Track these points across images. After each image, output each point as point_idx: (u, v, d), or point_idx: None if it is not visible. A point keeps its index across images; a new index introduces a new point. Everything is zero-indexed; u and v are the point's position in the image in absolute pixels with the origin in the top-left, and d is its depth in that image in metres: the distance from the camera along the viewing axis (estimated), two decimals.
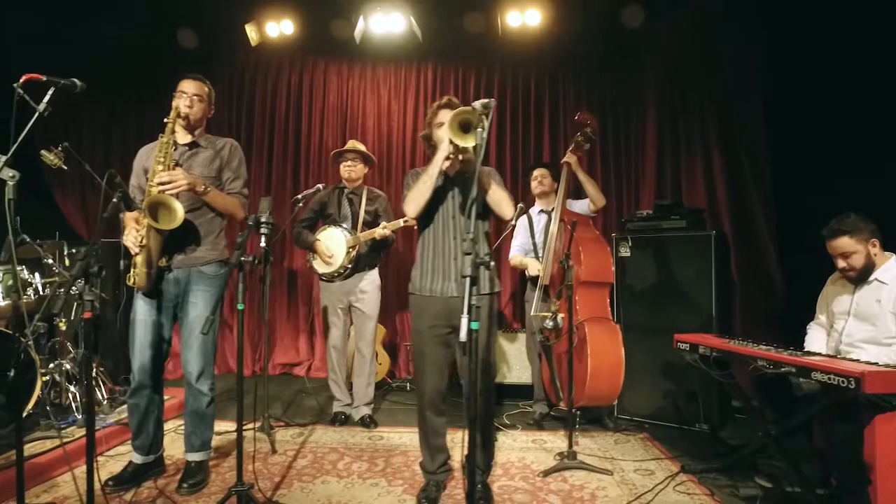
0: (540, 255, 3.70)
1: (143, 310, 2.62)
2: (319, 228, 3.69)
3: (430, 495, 2.53)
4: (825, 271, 2.83)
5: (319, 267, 3.64)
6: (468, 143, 2.14)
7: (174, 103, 2.68)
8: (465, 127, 2.15)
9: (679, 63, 4.57)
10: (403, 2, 4.43)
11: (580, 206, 3.81)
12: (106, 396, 3.61)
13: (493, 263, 2.33)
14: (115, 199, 2.28)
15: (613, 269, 3.49)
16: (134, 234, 2.52)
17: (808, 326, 2.91)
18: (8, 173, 2.16)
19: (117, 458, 3.05)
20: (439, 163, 2.36)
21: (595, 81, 5.09)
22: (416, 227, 3.40)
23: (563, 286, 3.12)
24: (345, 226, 3.61)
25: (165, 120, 2.56)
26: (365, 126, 5.31)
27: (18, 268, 3.34)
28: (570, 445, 3.01)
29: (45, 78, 2.19)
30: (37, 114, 2.23)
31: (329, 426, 3.65)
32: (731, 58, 4.24)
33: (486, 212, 2.53)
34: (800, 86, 3.74)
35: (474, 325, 1.58)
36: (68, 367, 3.44)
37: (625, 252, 3.85)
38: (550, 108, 5.17)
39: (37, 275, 3.42)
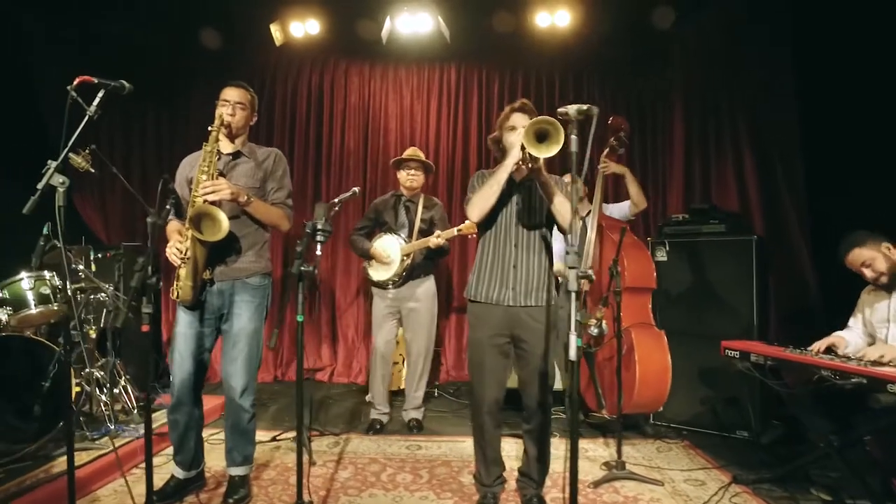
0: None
1: (184, 322, 2.54)
2: (376, 236, 3.64)
3: None
4: (860, 278, 2.81)
5: (374, 274, 3.60)
6: (541, 153, 2.08)
7: (217, 111, 2.59)
8: (540, 136, 2.09)
9: (707, 64, 4.53)
10: (431, 2, 4.35)
11: (618, 210, 3.76)
12: (136, 405, 3.53)
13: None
14: (167, 206, 2.19)
15: (655, 274, 3.43)
16: (178, 245, 2.43)
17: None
18: (58, 179, 2.09)
19: (154, 470, 2.97)
20: (508, 168, 2.30)
21: (621, 83, 5.04)
22: (471, 236, 3.36)
23: (609, 292, 3.06)
24: (401, 234, 3.56)
25: (210, 128, 2.47)
26: (387, 127, 5.24)
27: (48, 274, 3.25)
28: (619, 455, 2.96)
29: (96, 80, 2.13)
30: (87, 116, 2.16)
31: (364, 434, 3.58)
32: (761, 58, 4.20)
33: (549, 221, 2.48)
34: (832, 86, 3.70)
35: (578, 342, 1.51)
36: (98, 375, 3.35)
37: (661, 256, 3.79)
38: None
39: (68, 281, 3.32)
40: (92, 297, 3.46)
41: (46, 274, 3.24)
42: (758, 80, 4.22)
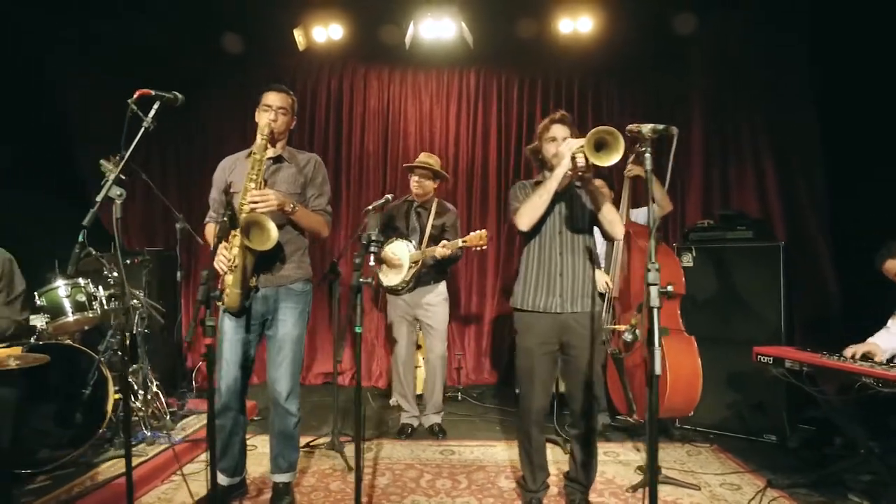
0: (603, 267, 3.67)
1: (230, 328, 2.55)
2: (388, 241, 3.64)
3: None
4: (883, 284, 2.88)
5: (385, 279, 3.60)
6: (600, 161, 2.12)
7: (259, 117, 2.60)
8: (598, 145, 2.12)
9: (726, 69, 4.57)
10: (456, 8, 4.37)
11: (643, 216, 3.79)
12: (167, 411, 3.54)
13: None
14: (224, 219, 2.20)
15: (684, 279, 3.47)
16: (224, 253, 2.44)
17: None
18: (115, 191, 2.10)
19: (191, 477, 2.98)
20: (558, 178, 2.34)
21: (640, 88, 5.06)
22: (477, 249, 3.37)
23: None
24: (412, 240, 3.57)
25: (261, 138, 2.47)
26: (406, 131, 5.25)
27: (83, 281, 3.25)
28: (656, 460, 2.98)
29: (153, 93, 2.13)
30: (143, 128, 2.16)
31: (395, 439, 3.60)
32: (780, 63, 4.25)
33: (591, 228, 2.52)
34: (852, 90, 3.75)
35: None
36: (133, 381, 3.35)
37: (687, 262, 3.83)
38: (594, 114, 5.14)
39: (100, 287, 3.33)
40: (119, 303, 3.45)
41: (81, 281, 3.25)
42: (777, 85, 4.27)
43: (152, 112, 2.15)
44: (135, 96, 2.10)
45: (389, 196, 3.62)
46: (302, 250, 2.66)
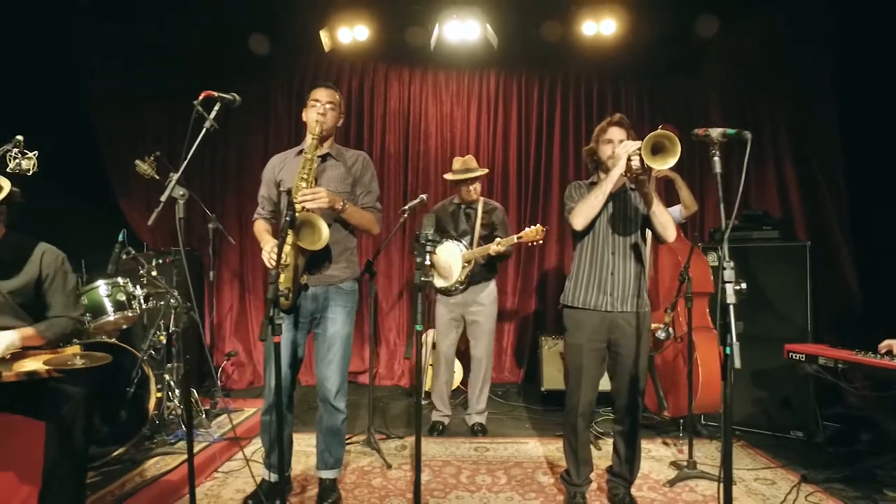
0: None
1: (279, 326, 2.58)
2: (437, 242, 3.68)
3: None
4: None
5: (437, 281, 3.64)
6: (656, 164, 2.17)
7: (308, 114, 2.63)
8: (655, 148, 2.18)
9: (747, 70, 4.64)
10: (481, 10, 4.41)
11: (675, 215, 3.85)
12: (202, 409, 3.57)
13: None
14: (286, 218, 2.24)
15: (712, 278, 3.53)
16: (274, 252, 2.46)
17: None
18: (179, 191, 2.13)
19: (233, 474, 3.02)
20: (613, 180, 2.39)
21: (659, 89, 5.11)
22: (532, 244, 3.41)
23: (679, 297, 3.15)
24: (463, 241, 3.61)
25: (312, 136, 2.51)
26: (427, 132, 5.29)
27: (122, 280, 3.28)
28: (690, 455, 3.04)
29: (216, 94, 2.16)
30: (204, 129, 2.20)
31: (426, 437, 3.64)
32: (802, 65, 4.32)
33: (642, 229, 2.57)
34: (874, 91, 3.82)
35: (729, 350, 1.59)
36: (169, 379, 3.38)
37: (713, 261, 3.88)
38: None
39: (138, 287, 3.36)
40: (160, 302, 3.48)
41: (120, 280, 3.28)
42: (798, 87, 4.34)
43: (213, 113, 2.18)
44: (200, 97, 2.13)
45: (424, 196, 3.67)
46: (350, 250, 2.69)
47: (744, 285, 1.65)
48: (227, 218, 5.04)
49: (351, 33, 4.66)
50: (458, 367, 4.56)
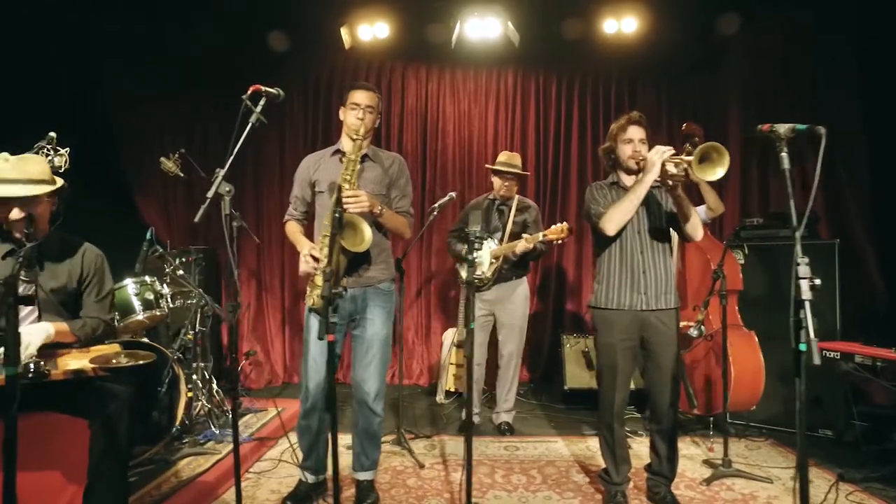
0: None
1: (317, 329, 2.54)
2: None
3: None
4: None
5: (465, 276, 3.61)
6: (704, 174, 2.16)
7: (345, 115, 2.60)
8: (703, 158, 2.16)
9: (769, 69, 4.63)
10: (502, 7, 4.40)
11: (700, 214, 3.84)
12: (230, 408, 3.53)
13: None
14: (336, 216, 2.20)
15: (741, 275, 3.52)
16: (314, 253, 2.43)
17: None
18: (224, 188, 2.10)
19: (265, 475, 2.98)
20: (648, 185, 2.37)
21: (679, 87, 5.10)
22: (558, 242, 3.39)
23: (711, 295, 3.14)
24: (494, 237, 3.59)
25: (353, 137, 2.47)
26: (444, 130, 5.26)
27: (150, 279, 3.24)
28: (726, 454, 3.03)
29: (263, 89, 2.13)
30: (249, 125, 2.17)
31: (454, 436, 3.62)
32: (825, 63, 4.32)
33: (668, 227, 2.56)
34: None
35: (802, 347, 1.58)
36: (196, 378, 3.35)
37: (739, 260, 3.88)
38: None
39: (165, 286, 3.32)
40: (187, 301, 3.45)
41: (148, 279, 3.24)
42: (821, 85, 4.34)
43: (259, 107, 2.15)
44: (248, 92, 2.10)
45: (453, 194, 3.65)
46: (387, 251, 2.66)
47: (818, 281, 1.61)
48: (244, 216, 4.99)
49: (371, 30, 4.63)
50: None
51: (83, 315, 2.22)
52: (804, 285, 1.55)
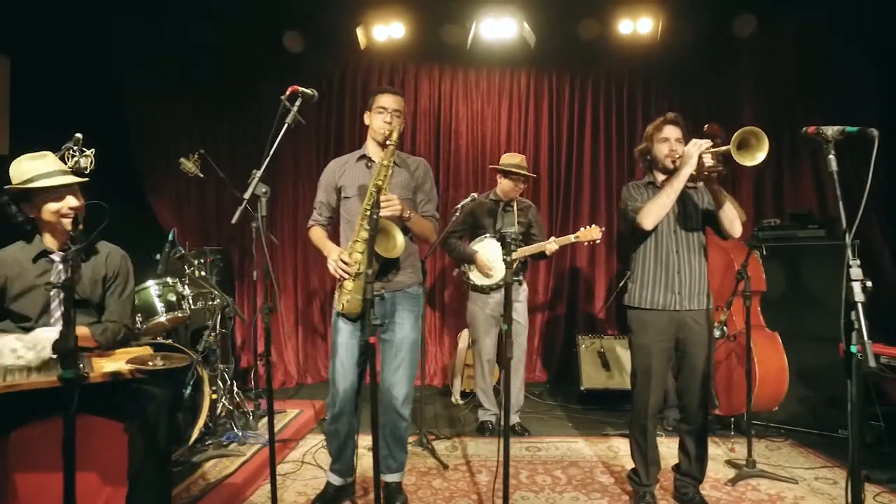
0: None
1: (346, 333, 2.53)
2: (476, 239, 3.64)
3: None
4: None
5: (476, 279, 3.60)
6: (743, 160, 2.16)
7: (373, 120, 2.58)
8: (741, 144, 2.17)
9: (782, 71, 4.65)
10: (517, 8, 4.40)
11: None
12: (250, 411, 3.52)
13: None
14: (374, 217, 2.20)
15: (764, 276, 3.53)
16: (345, 258, 2.42)
17: None
18: (261, 189, 2.10)
19: (290, 476, 2.98)
20: (685, 178, 2.37)
21: (692, 87, 5.10)
22: (588, 244, 3.40)
23: (734, 296, 3.14)
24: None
25: (388, 143, 2.45)
26: (458, 131, 5.26)
27: (171, 280, 3.23)
28: (750, 454, 3.03)
29: (300, 89, 2.13)
30: (286, 125, 2.17)
31: (474, 437, 3.62)
32: (842, 63, 4.34)
33: (704, 225, 2.56)
34: None
35: (853, 349, 1.57)
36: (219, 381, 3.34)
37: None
38: (643, 115, 5.17)
39: (187, 287, 3.31)
40: (208, 303, 3.43)
41: (170, 280, 3.22)
42: (837, 85, 4.35)
43: (294, 108, 2.14)
44: (287, 92, 2.09)
45: (475, 195, 3.64)
46: (414, 255, 2.66)
47: (869, 283, 1.61)
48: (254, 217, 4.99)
49: (387, 31, 4.62)
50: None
51: (105, 319, 2.20)
52: (857, 287, 1.55)
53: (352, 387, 2.54)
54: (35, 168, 2.01)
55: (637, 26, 4.55)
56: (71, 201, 2.04)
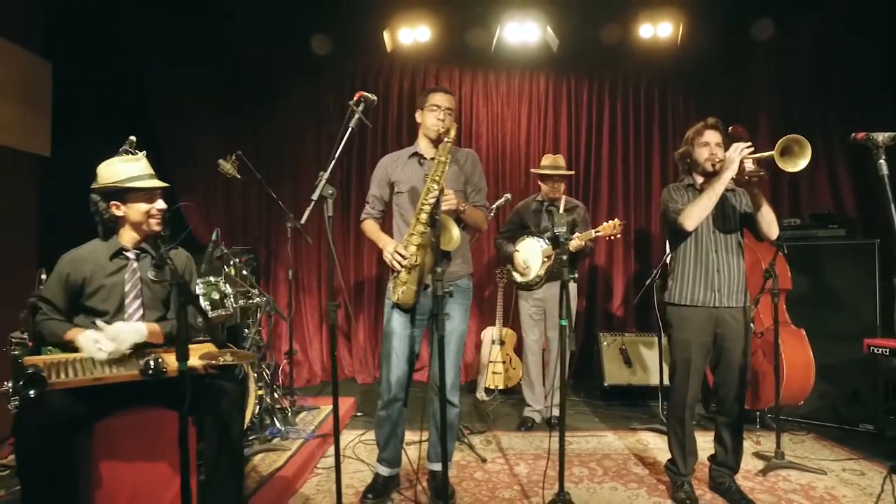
0: None
1: (399, 323, 2.63)
2: (519, 238, 3.75)
3: (690, 495, 2.66)
4: None
5: (516, 276, 3.71)
6: (785, 165, 2.26)
7: (425, 118, 2.68)
8: (784, 151, 2.26)
9: (798, 73, 4.75)
10: (541, 12, 4.49)
11: None
12: (288, 407, 3.60)
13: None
14: (437, 217, 2.28)
15: (789, 274, 3.63)
16: (401, 251, 2.51)
17: None
18: (328, 190, 2.18)
19: (332, 469, 3.05)
20: (726, 181, 2.47)
21: (705, 91, 5.19)
22: (610, 238, 3.49)
23: (762, 293, 3.24)
24: (544, 237, 3.68)
25: (446, 139, 2.54)
26: (478, 133, 5.34)
27: (214, 279, 3.30)
28: (779, 445, 3.14)
29: (365, 94, 2.21)
30: (349, 130, 2.24)
31: (507, 431, 3.71)
32: (856, 64, 4.43)
33: (742, 226, 2.66)
34: None
35: None
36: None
37: None
38: (660, 117, 5.27)
39: (228, 286, 3.38)
40: (249, 301, 3.50)
41: (213, 279, 3.29)
42: (851, 86, 4.46)
43: (357, 113, 2.22)
44: (355, 98, 2.18)
45: (508, 196, 3.74)
46: (466, 247, 2.75)
47: None
48: (282, 215, 5.06)
49: (412, 34, 4.71)
50: (517, 364, 4.62)
51: (169, 317, 2.29)
52: None
53: (405, 375, 2.64)
54: (131, 170, 2.14)
55: (657, 30, 4.64)
56: (160, 203, 2.17)
